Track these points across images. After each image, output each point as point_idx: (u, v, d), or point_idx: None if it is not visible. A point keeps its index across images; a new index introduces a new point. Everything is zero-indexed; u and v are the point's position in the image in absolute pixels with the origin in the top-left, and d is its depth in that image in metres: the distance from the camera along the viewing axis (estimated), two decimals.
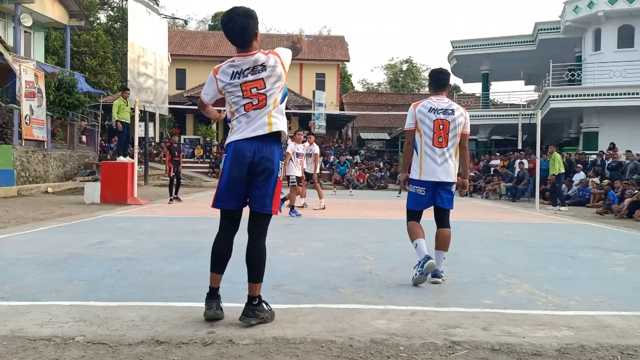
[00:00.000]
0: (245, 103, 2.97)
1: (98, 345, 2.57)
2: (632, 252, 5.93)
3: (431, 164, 3.99)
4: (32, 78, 16.38)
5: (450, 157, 4.02)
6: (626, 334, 2.86)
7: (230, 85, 3.03)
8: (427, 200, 4.08)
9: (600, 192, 13.56)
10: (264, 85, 2.96)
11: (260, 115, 2.97)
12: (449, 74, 4.24)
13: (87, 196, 11.49)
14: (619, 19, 21.18)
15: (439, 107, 4.01)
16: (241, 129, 2.99)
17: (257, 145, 2.96)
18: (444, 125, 3.97)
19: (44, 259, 4.76)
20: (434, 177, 3.99)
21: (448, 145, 3.99)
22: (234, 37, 3.03)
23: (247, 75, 2.96)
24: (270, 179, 3.07)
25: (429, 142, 3.99)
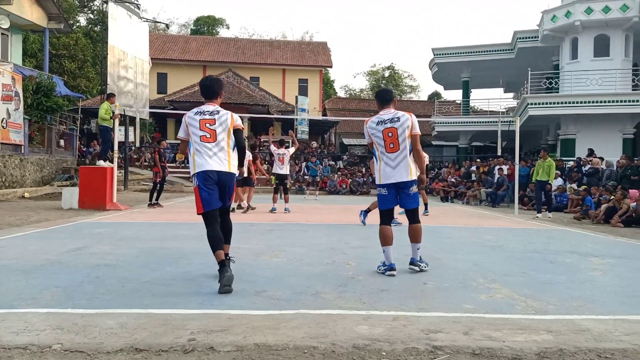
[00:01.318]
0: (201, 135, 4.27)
1: (75, 353, 2.52)
2: (609, 256, 6.04)
3: (387, 169, 4.54)
4: (10, 81, 16.07)
5: (403, 159, 4.50)
6: (603, 337, 2.91)
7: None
8: (391, 199, 4.60)
9: (578, 198, 13.82)
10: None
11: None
12: (390, 91, 4.90)
13: (65, 201, 11.28)
14: (595, 29, 21.70)
15: (385, 118, 4.58)
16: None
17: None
18: (392, 133, 4.50)
19: (20, 265, 4.66)
20: (391, 180, 4.53)
21: (400, 148, 4.50)
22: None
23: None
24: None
25: (383, 150, 4.55)
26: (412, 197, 4.59)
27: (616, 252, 6.52)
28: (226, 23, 54.42)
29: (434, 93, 55.65)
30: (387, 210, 4.67)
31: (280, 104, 32.73)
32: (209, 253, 5.52)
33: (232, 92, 29.62)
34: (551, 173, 11.98)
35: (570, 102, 20.85)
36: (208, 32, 49.44)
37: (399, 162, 4.49)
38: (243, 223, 8.87)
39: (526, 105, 21.66)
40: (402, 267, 4.90)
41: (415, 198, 4.61)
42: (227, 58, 36.11)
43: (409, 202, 4.60)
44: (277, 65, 36.27)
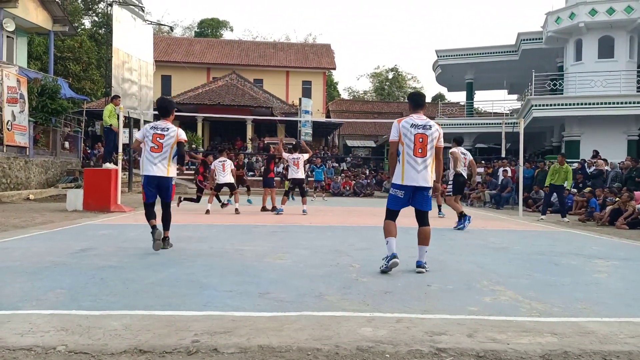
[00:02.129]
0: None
1: (80, 354, 2.53)
2: (614, 258, 6.02)
3: (412, 171, 4.65)
4: (15, 83, 16.15)
5: (428, 166, 4.68)
6: (608, 340, 2.90)
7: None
8: (404, 201, 4.76)
9: (583, 200, 13.76)
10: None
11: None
12: (425, 96, 5.09)
13: (70, 203, 11.32)
14: (599, 30, 21.63)
15: (419, 123, 4.71)
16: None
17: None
18: (423, 139, 4.66)
19: (25, 267, 4.67)
20: (414, 183, 4.66)
21: (427, 155, 4.67)
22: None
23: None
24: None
25: (411, 153, 4.65)
26: (428, 200, 4.81)
27: (621, 254, 6.49)
28: (230, 25, 54.56)
29: (438, 95, 55.57)
30: (396, 211, 4.82)
31: (283, 106, 32.77)
32: (213, 254, 5.54)
33: (236, 94, 29.68)
34: (568, 179, 12.04)
35: (574, 103, 20.78)
36: (212, 35, 49.58)
37: (424, 168, 4.65)
38: (247, 225, 8.88)
39: (530, 106, 21.61)
40: (406, 269, 4.90)
41: (430, 201, 4.82)
42: (231, 60, 36.19)
43: (426, 204, 4.79)
44: (281, 67, 36.32)
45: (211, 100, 28.35)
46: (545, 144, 27.36)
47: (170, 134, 5.51)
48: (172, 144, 5.51)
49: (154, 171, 5.47)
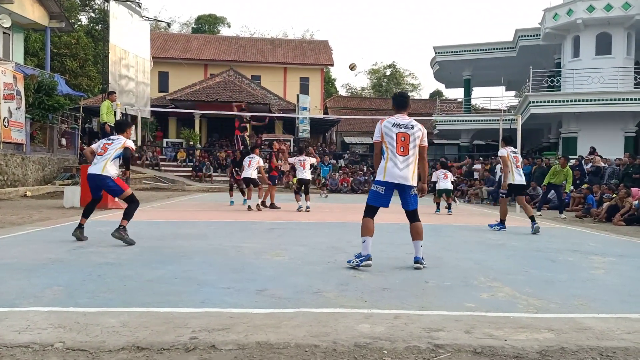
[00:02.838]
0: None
1: (77, 351, 2.53)
2: (611, 255, 6.04)
3: (395, 169, 4.70)
4: (11, 80, 16.08)
5: (410, 165, 4.73)
6: (605, 336, 2.91)
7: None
8: (384, 199, 4.78)
9: (580, 197, 13.80)
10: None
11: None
12: (408, 97, 5.15)
13: (67, 200, 11.30)
14: (597, 27, 21.65)
15: (401, 122, 4.79)
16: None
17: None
18: (405, 138, 4.73)
19: (22, 264, 4.67)
20: (396, 180, 4.70)
21: (409, 154, 4.73)
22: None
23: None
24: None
25: (394, 151, 4.72)
26: (414, 199, 4.84)
27: (618, 250, 6.51)
28: (227, 22, 54.33)
29: (436, 91, 55.60)
30: (375, 207, 4.84)
31: (281, 102, 32.72)
32: (211, 251, 5.55)
33: (233, 91, 29.61)
34: (568, 181, 12.58)
35: (572, 100, 20.81)
36: (209, 31, 49.41)
37: (406, 166, 4.71)
38: (245, 222, 8.88)
39: (528, 103, 21.63)
40: (403, 265, 4.91)
41: (415, 199, 4.86)
42: (228, 57, 36.10)
43: (411, 203, 4.83)
44: (279, 63, 36.24)
45: (208, 97, 28.29)
46: (543, 140, 27.41)
47: (116, 143, 6.23)
48: (116, 148, 6.17)
49: (92, 170, 6.10)
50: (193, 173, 25.25)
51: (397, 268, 4.80)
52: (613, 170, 15.29)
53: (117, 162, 6.26)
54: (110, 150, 6.12)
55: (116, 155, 6.16)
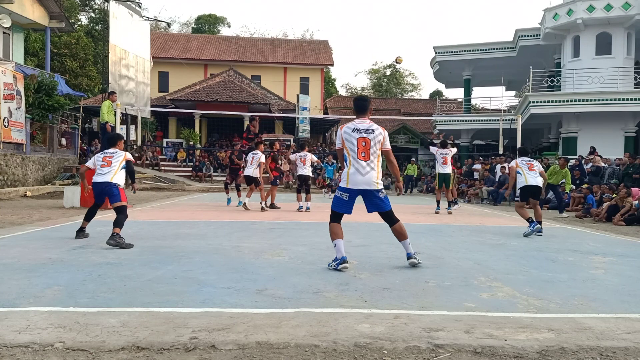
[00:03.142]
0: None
1: (77, 351, 2.53)
2: (611, 255, 6.04)
3: (357, 175, 4.64)
4: (11, 80, 16.09)
5: (373, 169, 4.67)
6: (605, 335, 2.91)
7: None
8: (348, 205, 4.72)
9: (580, 196, 13.79)
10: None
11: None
12: (369, 101, 5.02)
13: (67, 200, 11.30)
14: (597, 27, 21.65)
15: (361, 127, 4.74)
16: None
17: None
18: (366, 143, 4.68)
19: (22, 264, 4.67)
20: (359, 186, 4.65)
21: (370, 159, 4.67)
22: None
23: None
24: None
25: (355, 157, 4.67)
26: (384, 201, 4.74)
27: (618, 250, 6.51)
28: (227, 22, 54.40)
29: (436, 91, 55.59)
30: (339, 214, 4.78)
31: (281, 102, 32.72)
32: (211, 251, 5.55)
33: (234, 91, 29.61)
34: (567, 182, 12.68)
35: (572, 100, 20.81)
36: (209, 31, 49.42)
37: (368, 171, 4.65)
38: (245, 222, 8.88)
39: (528, 103, 21.63)
40: (403, 265, 4.90)
41: (386, 201, 4.75)
42: (228, 56, 36.10)
43: (382, 205, 4.73)
44: (279, 63, 36.24)
45: (208, 97, 28.29)
46: (543, 140, 27.40)
47: (118, 157, 6.57)
48: (120, 162, 6.55)
49: (98, 179, 6.36)
50: (193, 173, 25.25)
51: (397, 268, 4.80)
52: (613, 170, 15.29)
53: (124, 173, 6.65)
54: (115, 163, 6.53)
55: (122, 167, 6.59)
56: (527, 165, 8.12)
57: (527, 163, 8.15)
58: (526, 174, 8.05)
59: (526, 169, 8.08)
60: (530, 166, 8.12)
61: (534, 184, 7.99)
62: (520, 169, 8.12)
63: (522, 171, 8.10)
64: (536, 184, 8.01)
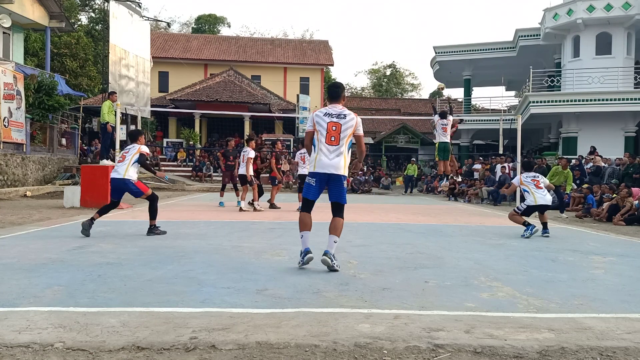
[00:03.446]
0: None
1: (78, 351, 2.53)
2: (611, 255, 6.04)
3: (324, 158, 4.63)
4: (11, 80, 16.09)
5: (341, 154, 4.64)
6: (605, 335, 2.91)
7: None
8: (316, 190, 4.71)
9: (580, 197, 13.80)
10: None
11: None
12: (341, 87, 4.99)
13: (67, 200, 11.30)
14: (597, 27, 21.65)
15: (333, 112, 4.73)
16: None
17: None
18: (336, 127, 4.66)
19: (22, 264, 4.67)
20: (325, 170, 4.63)
21: (340, 143, 4.64)
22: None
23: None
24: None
25: (323, 140, 4.65)
26: (342, 191, 4.70)
27: (618, 250, 6.51)
28: (227, 22, 54.39)
29: (436, 91, 55.59)
30: (310, 201, 4.76)
31: (281, 102, 32.72)
32: (211, 251, 5.55)
33: (234, 91, 29.61)
34: (569, 183, 12.60)
35: (572, 100, 20.81)
36: (209, 31, 49.42)
37: (336, 156, 4.62)
38: (245, 221, 8.88)
39: (528, 103, 21.63)
40: (403, 265, 4.90)
41: (344, 193, 4.71)
42: (229, 56, 36.09)
43: (340, 195, 4.69)
44: (279, 63, 36.24)
45: (208, 97, 28.29)
46: (543, 140, 27.41)
47: (132, 151, 6.83)
48: (132, 156, 6.84)
49: (114, 175, 6.73)
50: (193, 173, 25.26)
51: (397, 268, 4.80)
52: (613, 170, 15.30)
53: (137, 167, 6.89)
54: (128, 157, 6.85)
55: (134, 160, 6.85)
56: (534, 183, 7.82)
57: (532, 180, 7.87)
58: (535, 192, 7.75)
59: (533, 187, 7.79)
60: (536, 183, 7.82)
61: (543, 203, 7.76)
62: (528, 188, 7.83)
63: (530, 190, 7.81)
64: (546, 202, 7.78)
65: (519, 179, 8.11)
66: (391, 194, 22.90)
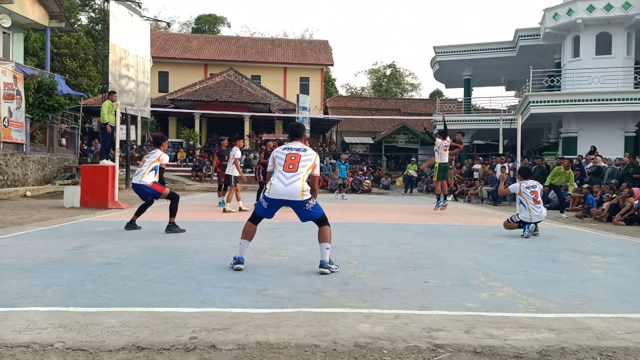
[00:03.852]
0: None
1: (77, 351, 2.53)
2: (611, 255, 6.04)
3: (279, 185, 4.57)
4: (11, 80, 16.09)
5: (297, 180, 4.55)
6: (605, 335, 2.91)
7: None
8: (267, 211, 4.75)
9: (580, 196, 13.79)
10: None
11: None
12: (302, 127, 5.07)
13: (67, 200, 11.30)
14: (597, 27, 21.64)
15: (293, 147, 4.77)
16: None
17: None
18: (295, 157, 4.66)
19: (22, 264, 4.67)
20: (279, 196, 4.56)
21: (298, 170, 4.58)
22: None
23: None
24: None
25: (281, 169, 4.63)
26: (313, 210, 4.64)
27: (618, 250, 6.51)
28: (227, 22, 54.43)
29: (436, 91, 55.60)
30: (259, 217, 4.84)
31: (281, 102, 32.72)
32: (211, 251, 5.55)
33: (234, 91, 29.61)
34: (571, 183, 12.66)
35: (572, 100, 20.80)
36: (209, 31, 49.43)
37: (292, 182, 4.54)
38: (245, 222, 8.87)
39: (528, 103, 21.62)
40: (402, 265, 4.90)
41: (315, 209, 4.66)
42: (228, 56, 36.11)
43: (311, 216, 4.66)
44: (279, 63, 36.25)
45: (208, 97, 28.29)
46: (543, 140, 27.39)
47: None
48: (152, 162, 7.17)
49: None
50: (193, 173, 25.25)
51: (397, 268, 4.80)
52: (613, 170, 15.29)
53: (154, 173, 7.21)
54: (147, 163, 7.19)
55: (152, 168, 7.17)
56: (532, 196, 7.60)
57: (532, 192, 7.63)
58: (531, 209, 7.55)
59: (531, 201, 7.56)
60: (535, 197, 7.60)
61: (537, 221, 7.62)
62: (525, 202, 7.62)
63: (527, 205, 7.59)
64: (540, 220, 7.65)
65: (517, 186, 7.87)
66: (391, 194, 22.90)
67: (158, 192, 7.20)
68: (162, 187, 7.27)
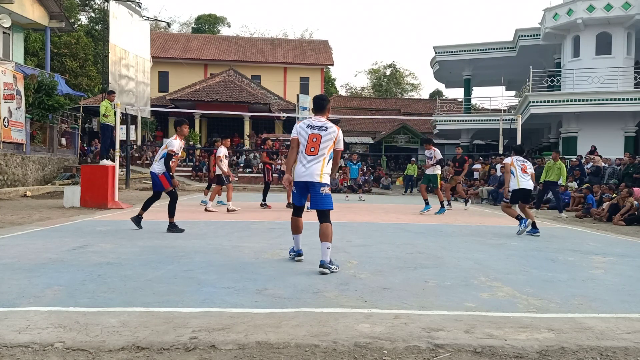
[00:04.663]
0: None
1: (77, 351, 2.53)
2: (611, 254, 6.04)
3: (301, 168, 4.77)
4: (11, 80, 16.09)
5: (318, 163, 4.72)
6: (605, 335, 2.91)
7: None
8: (298, 197, 4.94)
9: (580, 196, 13.80)
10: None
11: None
12: (326, 100, 5.05)
13: (67, 200, 11.29)
14: (597, 27, 21.65)
15: (315, 124, 4.82)
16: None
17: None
18: (317, 139, 4.76)
19: (22, 264, 4.67)
20: (301, 179, 4.76)
21: (318, 154, 4.74)
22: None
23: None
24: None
25: (303, 150, 4.80)
26: (323, 198, 4.72)
27: (618, 250, 6.51)
28: (227, 21, 54.42)
29: (436, 91, 55.62)
30: (297, 206, 5.02)
31: (281, 102, 32.72)
32: (211, 251, 5.55)
33: (234, 91, 29.61)
34: (562, 175, 12.27)
35: (572, 100, 20.80)
36: (209, 31, 49.42)
37: (312, 165, 4.72)
38: (245, 221, 8.88)
39: (528, 103, 21.63)
40: (403, 265, 4.90)
41: (325, 199, 4.73)
42: (228, 56, 36.10)
43: (320, 202, 4.75)
44: (279, 63, 36.25)
45: (208, 97, 28.29)
46: (543, 140, 27.40)
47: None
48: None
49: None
50: (193, 173, 25.25)
51: (397, 268, 4.80)
52: (613, 170, 15.29)
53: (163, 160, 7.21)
54: (160, 150, 7.27)
55: (162, 155, 7.17)
56: (521, 167, 8.10)
57: (521, 164, 8.15)
58: (519, 176, 8.05)
59: (519, 171, 8.07)
60: (523, 168, 8.11)
61: (525, 187, 8.04)
62: (515, 170, 8.11)
63: (516, 172, 8.09)
64: (527, 187, 8.07)
65: (511, 159, 8.30)
66: (391, 194, 22.89)
67: (162, 185, 7.22)
68: (168, 182, 7.20)
